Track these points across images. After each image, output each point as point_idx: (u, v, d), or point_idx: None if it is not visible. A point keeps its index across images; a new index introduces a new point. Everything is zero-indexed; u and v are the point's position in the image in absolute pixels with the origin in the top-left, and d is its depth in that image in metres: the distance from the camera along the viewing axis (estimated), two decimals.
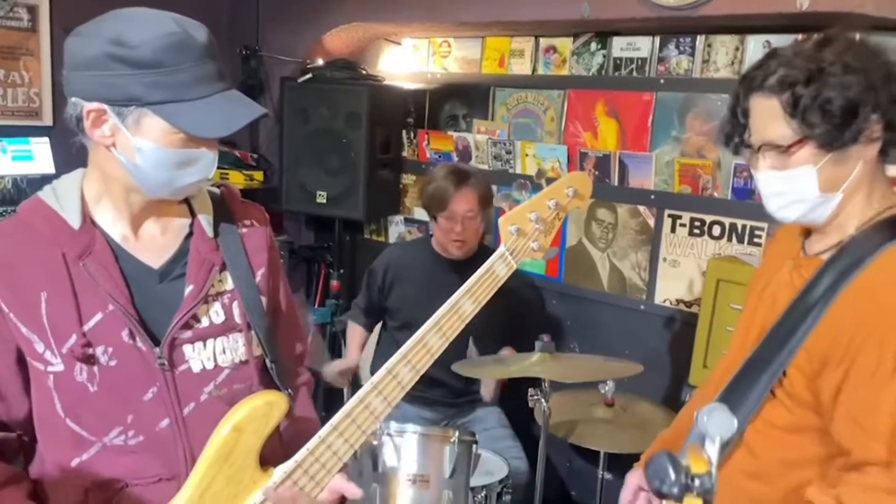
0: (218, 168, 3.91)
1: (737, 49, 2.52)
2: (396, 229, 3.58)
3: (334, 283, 3.52)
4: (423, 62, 3.39)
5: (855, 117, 1.15)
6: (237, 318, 1.27)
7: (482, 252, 2.57)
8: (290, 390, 1.30)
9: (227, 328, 1.26)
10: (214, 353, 1.24)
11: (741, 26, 2.47)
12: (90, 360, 1.15)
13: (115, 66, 1.08)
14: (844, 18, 2.13)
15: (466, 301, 1.25)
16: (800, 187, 1.22)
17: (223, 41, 3.53)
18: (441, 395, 2.67)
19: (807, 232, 1.34)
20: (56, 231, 1.17)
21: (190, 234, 1.27)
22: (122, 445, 1.19)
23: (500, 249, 1.29)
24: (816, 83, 1.15)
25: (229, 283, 1.27)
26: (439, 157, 3.33)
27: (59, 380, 1.16)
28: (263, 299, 1.31)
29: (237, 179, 3.40)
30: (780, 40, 2.41)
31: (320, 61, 3.32)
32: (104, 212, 1.21)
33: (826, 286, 1.20)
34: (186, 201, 1.29)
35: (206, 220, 1.28)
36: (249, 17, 3.53)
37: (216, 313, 1.25)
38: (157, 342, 1.19)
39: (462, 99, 3.31)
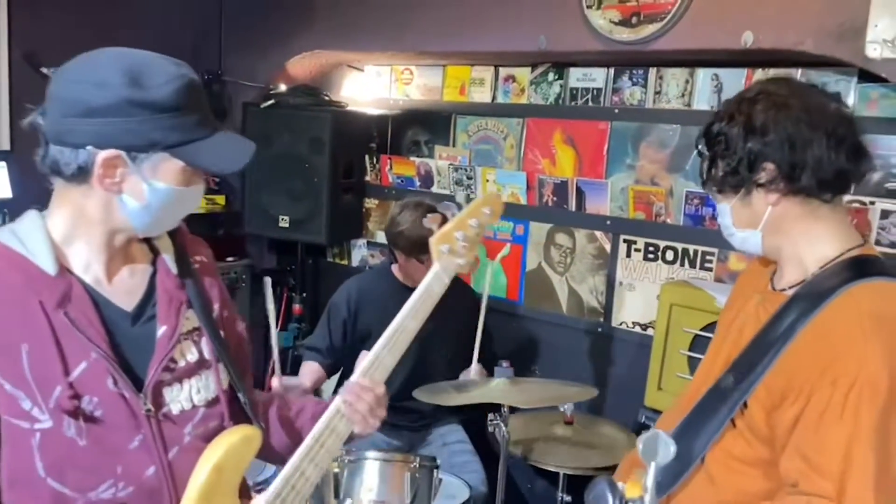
0: None
1: (687, 81, 2.62)
2: (359, 253, 3.61)
3: (297, 306, 3.52)
4: (386, 89, 3.44)
5: (738, 172, 1.29)
6: (207, 355, 1.26)
7: None
8: (261, 423, 1.30)
9: (199, 366, 1.25)
10: (191, 393, 1.23)
11: (691, 60, 2.58)
12: (77, 412, 1.10)
13: (135, 112, 1.08)
14: (786, 55, 2.24)
15: (410, 321, 1.34)
16: (723, 220, 1.39)
17: None
18: (408, 420, 2.68)
19: (775, 267, 1.42)
20: (29, 278, 1.11)
21: (154, 273, 1.25)
22: (111, 499, 1.14)
23: (435, 268, 1.37)
24: (715, 140, 1.32)
25: (195, 321, 1.27)
26: (402, 181, 3.37)
27: (46, 437, 1.10)
28: (222, 333, 1.31)
29: (199, 204, 3.39)
30: (728, 73, 2.52)
31: (283, 87, 3.34)
32: (77, 255, 1.17)
33: (787, 324, 1.27)
34: (147, 240, 1.28)
35: (169, 258, 1.28)
36: (213, 42, 3.54)
37: (191, 352, 1.24)
38: (138, 387, 1.16)
39: (424, 125, 3.36)
